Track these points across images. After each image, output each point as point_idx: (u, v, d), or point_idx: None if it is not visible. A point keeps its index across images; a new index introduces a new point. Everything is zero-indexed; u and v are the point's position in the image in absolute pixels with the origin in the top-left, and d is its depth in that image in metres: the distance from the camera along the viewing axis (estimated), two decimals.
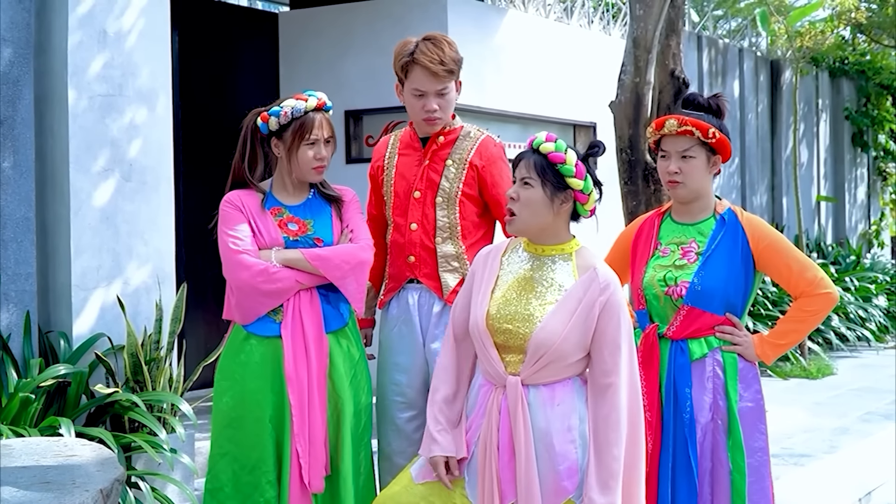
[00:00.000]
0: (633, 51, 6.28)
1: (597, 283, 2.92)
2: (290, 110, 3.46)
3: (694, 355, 3.34)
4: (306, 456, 3.39)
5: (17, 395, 4.49)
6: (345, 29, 7.77)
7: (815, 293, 3.38)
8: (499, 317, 2.96)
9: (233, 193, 3.55)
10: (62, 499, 2.68)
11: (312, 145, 3.48)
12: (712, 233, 3.40)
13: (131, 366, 5.00)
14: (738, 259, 3.37)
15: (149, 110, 5.39)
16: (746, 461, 3.29)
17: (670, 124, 3.38)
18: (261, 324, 3.47)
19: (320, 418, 3.43)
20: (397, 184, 3.77)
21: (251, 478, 3.41)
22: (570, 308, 2.91)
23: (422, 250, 3.71)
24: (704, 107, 3.43)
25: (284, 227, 3.51)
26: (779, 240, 3.41)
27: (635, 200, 6.35)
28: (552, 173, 2.94)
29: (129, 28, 5.31)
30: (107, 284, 5.19)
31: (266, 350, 3.46)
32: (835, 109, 15.60)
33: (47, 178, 5.16)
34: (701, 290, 3.33)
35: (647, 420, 3.33)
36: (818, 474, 6.00)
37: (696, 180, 3.39)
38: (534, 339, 2.90)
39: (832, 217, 15.41)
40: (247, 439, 3.43)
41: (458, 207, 3.70)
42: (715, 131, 3.34)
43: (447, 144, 3.74)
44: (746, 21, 13.51)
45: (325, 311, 3.50)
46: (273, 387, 3.45)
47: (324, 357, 3.46)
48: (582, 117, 8.94)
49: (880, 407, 8.07)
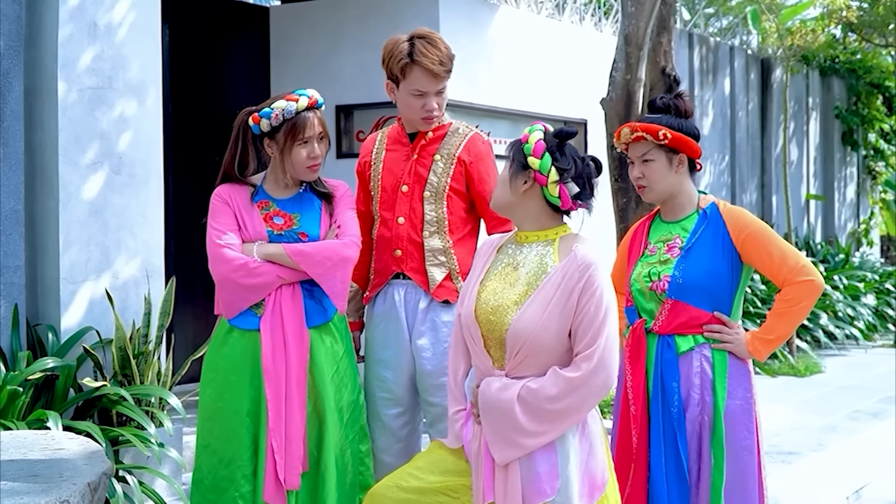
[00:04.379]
0: (625, 48, 6.30)
1: (574, 265, 2.86)
2: (280, 112, 3.42)
3: (680, 349, 3.35)
4: (281, 451, 3.36)
5: (5, 388, 4.48)
6: (336, 24, 7.77)
7: (797, 280, 3.35)
8: (483, 307, 2.94)
9: (223, 187, 3.54)
10: (49, 492, 2.67)
11: (305, 144, 3.45)
12: (694, 227, 3.43)
13: (119, 359, 4.99)
14: (719, 251, 3.38)
15: (139, 104, 5.38)
16: (727, 460, 3.30)
17: (624, 133, 3.46)
18: (242, 317, 3.46)
19: (298, 414, 3.41)
20: (384, 178, 3.77)
21: (227, 472, 3.40)
22: (548, 296, 2.86)
23: (409, 244, 3.71)
24: (664, 108, 3.47)
25: (269, 220, 3.49)
26: (760, 228, 3.41)
27: (625, 197, 6.37)
28: (519, 153, 2.97)
29: (119, 21, 5.29)
30: (95, 278, 5.17)
31: (247, 343, 3.45)
32: (825, 108, 15.64)
33: (36, 170, 5.14)
34: (682, 283, 3.34)
35: (633, 414, 3.35)
36: (806, 472, 6.02)
37: (658, 182, 3.44)
38: (511, 329, 2.86)
39: (821, 215, 15.45)
40: (224, 432, 3.43)
41: (445, 202, 3.70)
42: (665, 132, 3.37)
43: (436, 140, 3.74)
44: (737, 19, 13.53)
45: (307, 306, 3.47)
46: (252, 380, 3.43)
47: (304, 352, 3.43)
48: (573, 114, 8.95)
49: (868, 405, 8.09)
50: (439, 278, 3.68)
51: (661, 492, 3.30)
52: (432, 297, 3.68)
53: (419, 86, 3.63)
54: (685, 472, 3.29)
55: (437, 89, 3.65)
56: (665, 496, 3.29)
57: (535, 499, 2.83)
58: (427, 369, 3.66)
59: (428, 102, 3.65)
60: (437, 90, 3.66)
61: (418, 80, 3.63)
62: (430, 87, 3.64)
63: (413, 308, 3.71)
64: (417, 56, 3.60)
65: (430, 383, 3.65)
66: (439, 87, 3.66)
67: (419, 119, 3.70)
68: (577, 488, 2.85)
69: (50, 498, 2.63)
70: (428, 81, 3.63)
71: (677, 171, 3.44)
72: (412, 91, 3.65)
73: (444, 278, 3.68)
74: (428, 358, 3.66)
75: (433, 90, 3.65)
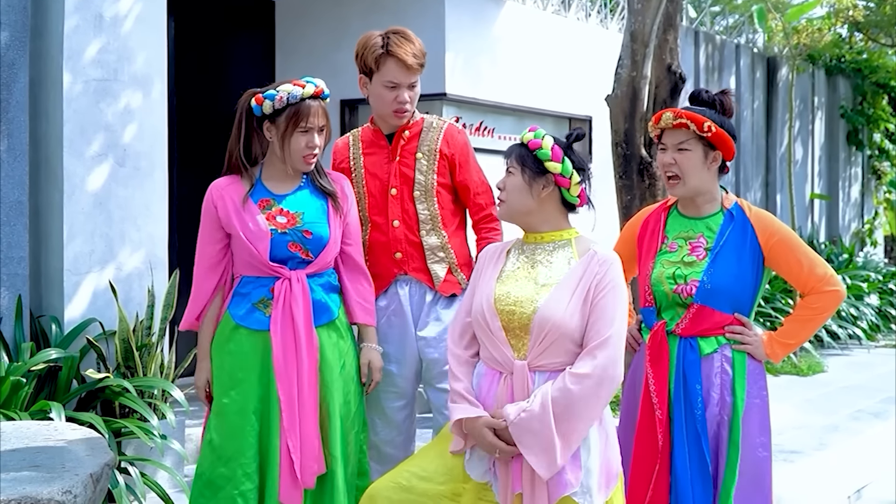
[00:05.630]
0: (631, 45, 6.29)
1: (596, 260, 2.97)
2: (286, 95, 3.39)
3: (703, 351, 3.33)
4: (297, 451, 3.35)
5: (8, 379, 4.48)
6: (341, 18, 7.77)
7: (825, 290, 3.36)
8: (504, 299, 2.99)
9: (216, 185, 3.49)
10: (52, 482, 2.68)
11: (306, 133, 3.42)
12: (720, 228, 3.37)
13: (122, 351, 4.99)
14: (746, 255, 3.35)
15: (144, 96, 5.38)
16: (743, 458, 3.28)
17: (667, 117, 3.39)
18: (250, 316, 3.43)
19: (312, 413, 3.39)
20: (370, 183, 3.78)
21: (225, 469, 3.36)
22: (571, 286, 2.94)
23: (408, 245, 3.73)
24: (709, 103, 3.42)
25: (273, 219, 3.42)
26: (788, 234, 3.39)
27: (630, 195, 6.36)
28: (531, 159, 3.03)
29: (125, 13, 5.29)
30: (99, 269, 5.18)
31: (255, 341, 3.42)
32: (830, 107, 15.63)
33: (41, 161, 5.15)
34: (711, 289, 3.31)
35: (659, 418, 3.32)
36: (808, 471, 6.02)
37: (692, 174, 3.36)
38: (538, 315, 2.91)
39: (825, 215, 15.44)
40: (227, 429, 3.39)
41: (435, 198, 3.74)
42: (711, 125, 3.32)
43: (413, 137, 3.78)
44: (744, 17, 13.51)
45: (314, 306, 3.44)
46: (260, 378, 3.40)
47: (314, 352, 3.42)
48: (578, 111, 8.94)
49: (870, 405, 8.08)
50: (442, 274, 3.71)
51: (686, 490, 3.28)
52: (438, 292, 3.71)
53: (392, 77, 3.67)
54: (709, 471, 3.28)
55: (409, 82, 3.70)
56: (690, 494, 3.28)
57: (560, 490, 2.86)
58: (434, 357, 3.68)
59: (401, 94, 3.69)
60: (410, 83, 3.71)
61: (391, 71, 3.67)
62: (404, 78, 3.68)
63: (419, 301, 3.74)
64: (392, 47, 3.66)
65: (438, 370, 3.67)
66: (412, 80, 3.71)
67: (391, 112, 3.72)
68: (597, 479, 2.90)
69: (53, 488, 2.64)
70: (401, 73, 3.67)
71: (709, 168, 3.39)
72: (385, 83, 3.69)
73: (446, 273, 3.72)
74: (435, 346, 3.68)
75: (406, 82, 3.69)
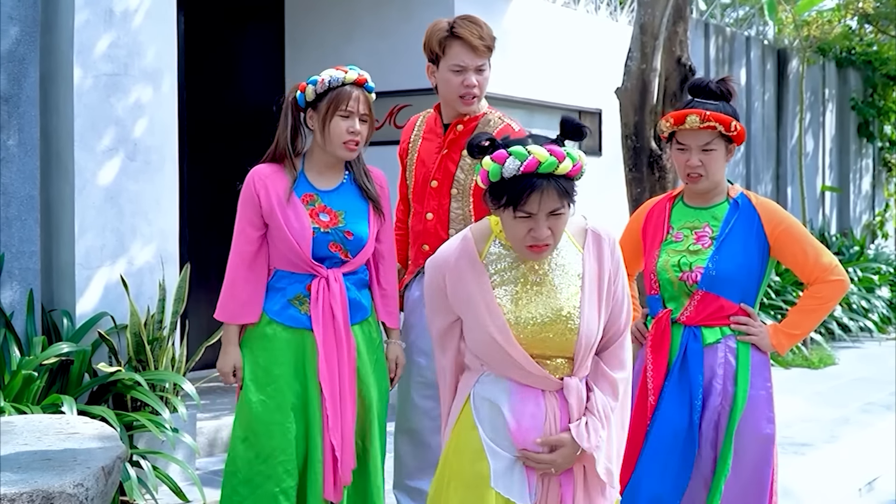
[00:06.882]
0: (640, 37, 6.27)
1: (602, 244, 2.72)
2: (328, 79, 3.36)
3: (706, 340, 3.33)
4: (340, 451, 3.34)
5: (20, 373, 4.50)
6: (350, 12, 7.76)
7: (829, 279, 3.36)
8: (527, 326, 2.66)
9: (258, 173, 3.42)
10: (64, 475, 2.69)
11: (346, 118, 3.36)
12: (726, 217, 3.38)
13: (134, 345, 5.01)
14: (752, 244, 3.35)
15: (154, 90, 5.39)
16: (744, 450, 3.29)
17: (692, 120, 3.32)
18: (284, 313, 3.41)
19: (350, 412, 3.39)
20: (417, 170, 3.77)
21: (265, 466, 3.33)
22: (593, 289, 2.70)
23: (436, 241, 3.66)
24: (715, 93, 3.41)
25: (316, 217, 3.39)
26: (794, 224, 3.40)
27: (640, 187, 6.35)
28: (572, 188, 2.63)
29: (135, 7, 5.30)
30: (110, 263, 5.19)
31: (291, 338, 3.40)
32: (841, 99, 15.56)
33: (52, 156, 5.16)
34: (716, 276, 3.31)
35: (651, 404, 3.33)
36: (818, 464, 6.01)
37: (717, 171, 3.38)
38: (583, 337, 2.67)
39: (836, 207, 15.39)
40: (265, 426, 3.35)
41: (472, 199, 3.68)
42: (736, 124, 3.33)
43: (465, 133, 3.70)
44: (754, 9, 13.45)
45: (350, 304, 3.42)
46: (297, 375, 3.39)
47: (353, 352, 3.41)
48: (587, 104, 8.92)
49: (881, 397, 8.07)
50: None
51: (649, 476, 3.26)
52: None
53: (458, 60, 3.62)
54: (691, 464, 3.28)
55: (476, 65, 3.64)
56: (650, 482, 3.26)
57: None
58: None
59: (468, 78, 3.63)
60: (477, 66, 3.64)
61: (458, 54, 3.62)
62: (470, 61, 3.62)
63: None
64: (458, 30, 3.62)
65: None
66: (479, 63, 3.64)
67: (457, 98, 3.66)
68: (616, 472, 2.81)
69: (64, 481, 2.65)
70: (468, 56, 3.62)
71: (727, 161, 3.42)
72: (452, 66, 3.63)
73: None
74: None
75: (473, 65, 3.63)
